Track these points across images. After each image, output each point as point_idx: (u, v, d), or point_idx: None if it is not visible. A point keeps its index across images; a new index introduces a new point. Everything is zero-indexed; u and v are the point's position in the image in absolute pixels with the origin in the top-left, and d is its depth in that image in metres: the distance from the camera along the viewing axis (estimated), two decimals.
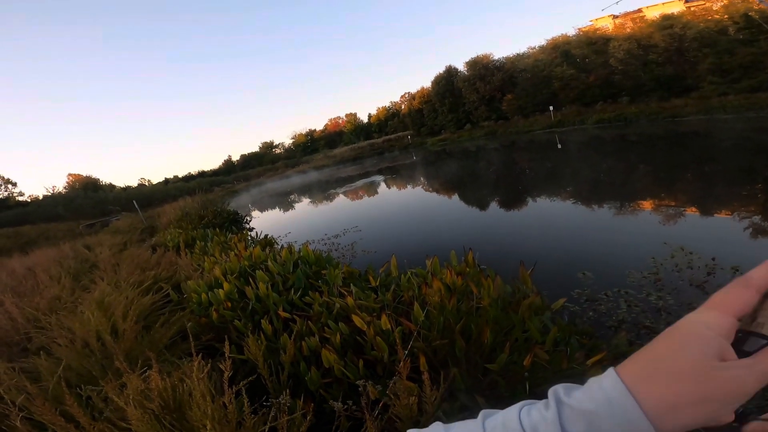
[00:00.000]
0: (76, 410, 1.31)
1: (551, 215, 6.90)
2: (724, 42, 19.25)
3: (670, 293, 3.31)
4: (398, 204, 11.67)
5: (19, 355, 2.83)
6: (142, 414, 1.27)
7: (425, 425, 1.42)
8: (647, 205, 6.11)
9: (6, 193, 42.70)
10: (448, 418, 1.43)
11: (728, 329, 0.35)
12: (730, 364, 0.33)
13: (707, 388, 0.32)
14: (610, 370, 0.37)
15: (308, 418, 1.35)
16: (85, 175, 55.00)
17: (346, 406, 1.38)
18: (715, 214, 5.19)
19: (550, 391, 0.39)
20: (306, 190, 22.46)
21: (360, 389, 1.36)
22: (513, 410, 0.40)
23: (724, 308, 0.36)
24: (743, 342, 0.36)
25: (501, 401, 1.58)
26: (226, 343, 1.41)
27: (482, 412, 0.43)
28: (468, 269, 2.40)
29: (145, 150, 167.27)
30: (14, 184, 43.64)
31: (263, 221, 13.83)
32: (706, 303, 0.38)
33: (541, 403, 0.39)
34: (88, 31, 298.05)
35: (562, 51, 29.82)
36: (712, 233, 4.58)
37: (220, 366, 1.26)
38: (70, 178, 54.65)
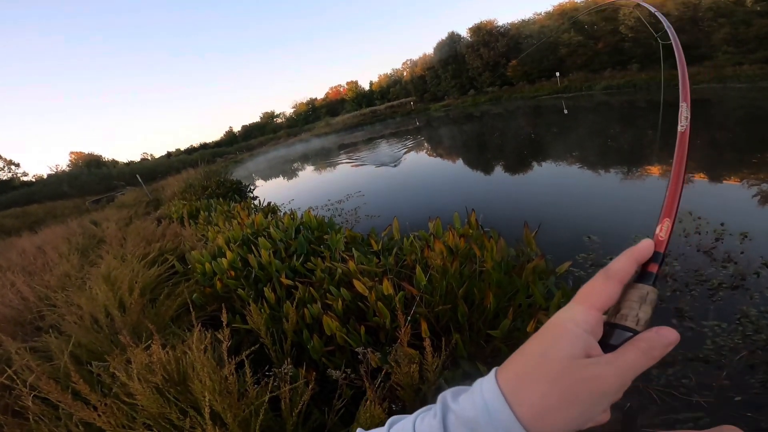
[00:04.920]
0: (83, 387, 1.31)
1: (557, 180, 6.81)
2: (740, 13, 18.59)
3: (676, 259, 3.25)
4: (402, 168, 11.55)
5: (32, 334, 2.83)
6: (144, 388, 1.27)
7: (427, 393, 1.43)
8: (655, 170, 5.99)
9: (10, 175, 42.89)
10: (450, 386, 1.43)
11: (594, 323, 0.35)
12: (591, 361, 0.32)
13: (571, 388, 0.31)
14: (492, 372, 0.36)
15: (310, 386, 1.35)
16: (87, 153, 54.98)
17: (345, 375, 1.37)
18: (725, 181, 5.10)
19: (440, 397, 0.39)
20: (309, 158, 22.19)
21: (359, 356, 1.35)
22: (411, 417, 0.40)
23: (589, 302, 0.35)
24: (610, 335, 0.35)
25: None
26: (224, 311, 1.39)
27: (390, 419, 0.43)
28: (471, 231, 2.34)
29: (147, 125, 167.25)
30: (17, 165, 43.83)
31: (267, 190, 13.80)
32: (574, 297, 0.37)
33: (433, 410, 0.39)
34: (87, 10, 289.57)
35: (569, 17, 28.74)
36: (721, 199, 4.49)
37: (218, 336, 1.24)
38: (73, 156, 54.69)
